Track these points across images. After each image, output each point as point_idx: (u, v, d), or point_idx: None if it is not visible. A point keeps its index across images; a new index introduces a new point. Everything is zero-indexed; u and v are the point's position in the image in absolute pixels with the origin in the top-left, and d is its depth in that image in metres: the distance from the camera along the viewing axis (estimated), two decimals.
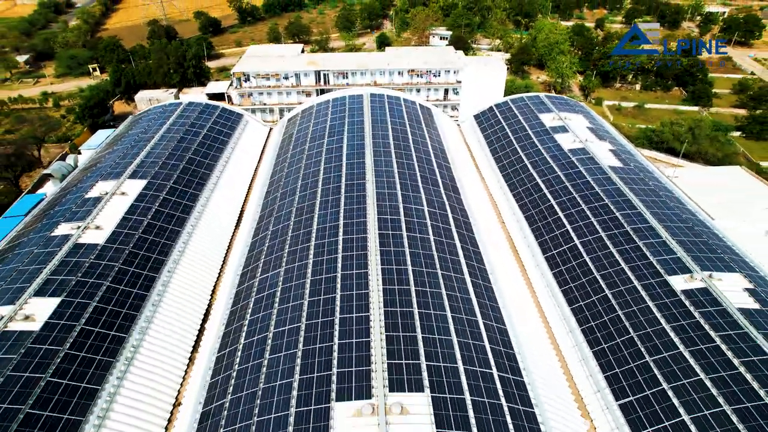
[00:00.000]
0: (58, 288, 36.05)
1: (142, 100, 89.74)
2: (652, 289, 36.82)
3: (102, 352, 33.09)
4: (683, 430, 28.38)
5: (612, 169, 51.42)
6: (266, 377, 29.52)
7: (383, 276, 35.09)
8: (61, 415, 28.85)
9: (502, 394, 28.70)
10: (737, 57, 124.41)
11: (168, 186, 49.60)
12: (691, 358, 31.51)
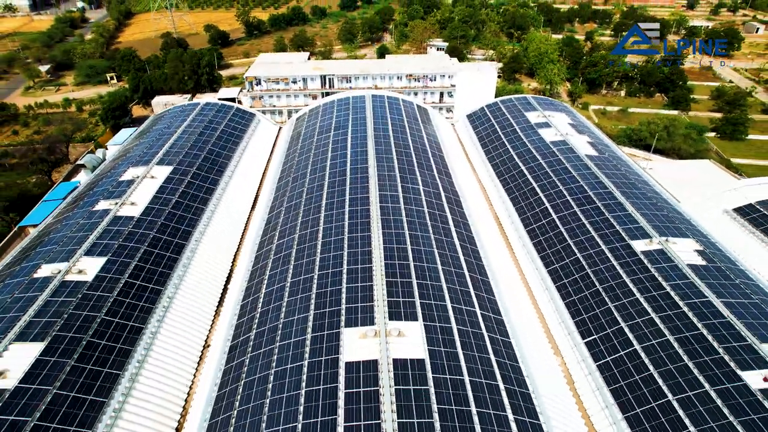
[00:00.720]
0: (103, 250, 41.85)
1: (158, 104, 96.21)
2: (617, 251, 42.63)
3: (144, 299, 38.84)
4: (637, 358, 33.94)
5: (588, 158, 57.51)
6: (286, 313, 35.25)
7: (384, 237, 40.92)
8: (114, 344, 34.51)
9: (482, 321, 34.46)
10: (717, 67, 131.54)
11: (192, 171, 55.66)
12: (645, 303, 37.20)
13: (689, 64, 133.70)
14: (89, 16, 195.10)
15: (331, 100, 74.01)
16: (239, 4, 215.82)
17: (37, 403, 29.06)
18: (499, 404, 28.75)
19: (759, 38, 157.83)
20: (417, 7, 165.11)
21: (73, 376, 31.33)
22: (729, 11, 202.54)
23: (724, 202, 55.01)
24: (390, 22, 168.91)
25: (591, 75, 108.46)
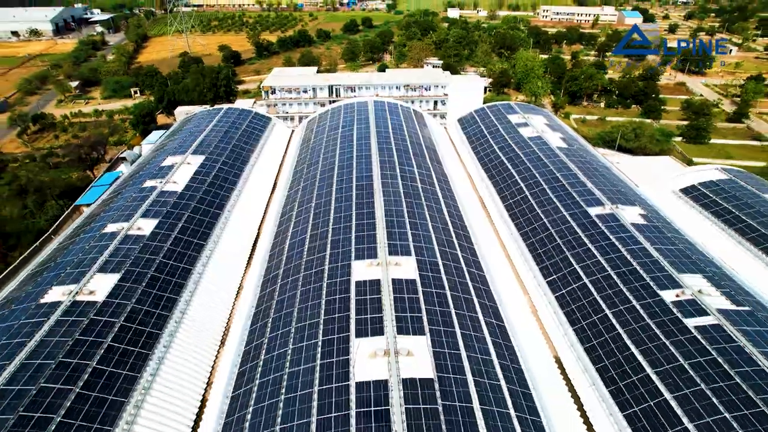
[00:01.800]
0: (155, 215, 51.34)
1: (180, 113, 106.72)
2: (576, 215, 52.03)
3: (190, 249, 48.22)
4: (585, 288, 43.05)
5: (559, 149, 67.43)
6: (308, 251, 44.69)
7: (384, 201, 50.45)
8: (170, 278, 43.76)
9: (460, 253, 43.95)
10: (690, 83, 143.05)
11: (221, 160, 65.52)
12: (595, 251, 46.39)
13: (665, 80, 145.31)
14: (108, 40, 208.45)
15: (338, 106, 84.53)
16: (248, 29, 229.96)
17: (121, 311, 38.27)
18: (471, 306, 37.99)
19: (732, 59, 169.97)
20: (415, 29, 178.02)
21: (144, 296, 40.62)
22: (707, 35, 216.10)
23: (673, 184, 64.74)
24: (390, 43, 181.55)
25: (572, 88, 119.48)
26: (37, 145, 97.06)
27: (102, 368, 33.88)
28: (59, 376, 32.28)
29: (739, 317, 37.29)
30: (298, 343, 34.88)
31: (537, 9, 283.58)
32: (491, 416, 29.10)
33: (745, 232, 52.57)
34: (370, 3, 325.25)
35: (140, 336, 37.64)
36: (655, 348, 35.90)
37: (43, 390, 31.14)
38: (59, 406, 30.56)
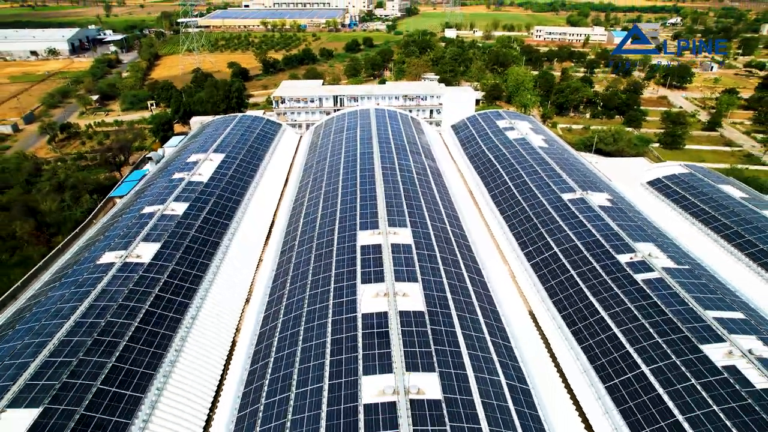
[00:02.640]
0: (185, 199, 59.13)
1: (195, 122, 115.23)
2: (551, 200, 59.86)
3: (217, 227, 55.96)
4: (555, 255, 50.64)
5: (540, 148, 75.64)
6: (320, 225, 52.45)
7: (384, 186, 58.38)
8: (201, 250, 51.44)
9: (448, 225, 51.73)
10: (672, 97, 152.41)
11: (239, 158, 73.64)
12: (566, 227, 54.03)
13: (648, 94, 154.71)
14: (122, 58, 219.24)
15: (342, 113, 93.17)
16: (254, 48, 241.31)
17: (164, 270, 45.90)
18: (456, 263, 45.67)
19: (712, 75, 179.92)
20: (413, 48, 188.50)
21: (182, 261, 48.26)
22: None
23: (641, 178, 72.83)
24: (390, 61, 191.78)
25: (559, 100, 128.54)
26: (65, 151, 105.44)
27: (153, 310, 41.40)
28: (121, 314, 39.78)
29: (679, 273, 44.90)
30: (313, 290, 42.45)
31: (531, 29, 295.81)
32: (467, 328, 36.65)
33: (697, 214, 60.48)
34: (370, 24, 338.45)
35: (181, 289, 45.21)
36: (610, 297, 43.42)
37: (110, 323, 38.61)
38: (123, 335, 37.99)
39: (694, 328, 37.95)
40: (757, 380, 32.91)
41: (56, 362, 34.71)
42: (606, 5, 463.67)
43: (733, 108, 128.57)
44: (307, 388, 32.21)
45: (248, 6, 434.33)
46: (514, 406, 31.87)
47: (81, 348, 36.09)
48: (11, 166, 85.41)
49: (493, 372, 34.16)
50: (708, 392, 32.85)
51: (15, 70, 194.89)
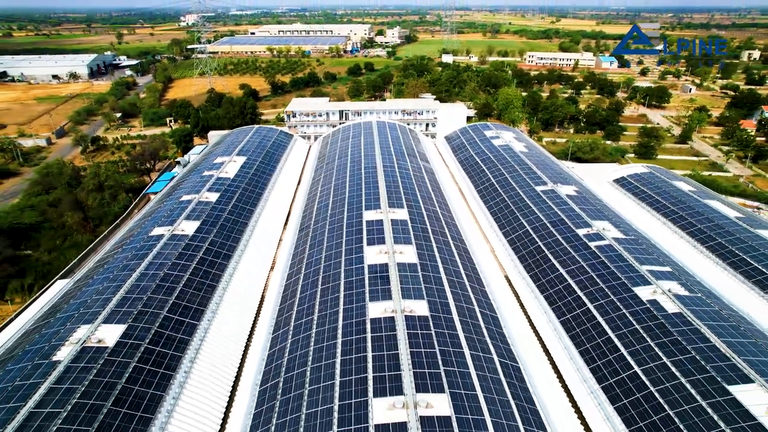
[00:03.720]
0: (216, 190, 69.79)
1: (213, 136, 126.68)
2: (526, 191, 70.48)
3: (243, 213, 66.47)
4: (527, 232, 61.04)
5: (521, 153, 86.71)
6: (330, 214, 62.89)
7: (386, 187, 68.91)
8: (229, 233, 61.91)
9: (439, 210, 62.28)
10: (651, 115, 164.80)
11: (259, 160, 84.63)
12: (538, 212, 64.41)
13: (629, 113, 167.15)
14: (138, 81, 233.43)
15: (348, 125, 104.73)
16: (261, 72, 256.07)
17: (204, 241, 56.28)
18: (444, 234, 56.11)
19: (691, 96, 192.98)
20: (412, 71, 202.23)
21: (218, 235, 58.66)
22: (674, 77, 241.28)
23: (609, 177, 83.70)
24: (390, 83, 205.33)
25: (544, 116, 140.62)
26: (96, 160, 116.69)
27: (199, 267, 51.57)
28: (174, 268, 49.92)
29: (625, 242, 55.24)
30: (327, 252, 52.78)
31: (524, 55, 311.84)
32: (450, 273, 46.91)
33: (651, 203, 71.17)
34: (371, 51, 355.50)
35: (218, 257, 55.42)
36: (568, 259, 53.60)
37: (167, 275, 48.73)
38: (178, 282, 48.11)
39: (630, 276, 48.13)
40: (671, 307, 42.97)
41: (131, 298, 44.76)
42: (597, 33, 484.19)
43: (703, 124, 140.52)
44: (327, 312, 42.34)
45: (254, 33, 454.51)
46: (485, 324, 41.93)
47: (148, 290, 46.16)
48: (54, 170, 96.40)
49: (468, 300, 44.29)
50: (634, 317, 42.86)
51: (40, 93, 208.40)
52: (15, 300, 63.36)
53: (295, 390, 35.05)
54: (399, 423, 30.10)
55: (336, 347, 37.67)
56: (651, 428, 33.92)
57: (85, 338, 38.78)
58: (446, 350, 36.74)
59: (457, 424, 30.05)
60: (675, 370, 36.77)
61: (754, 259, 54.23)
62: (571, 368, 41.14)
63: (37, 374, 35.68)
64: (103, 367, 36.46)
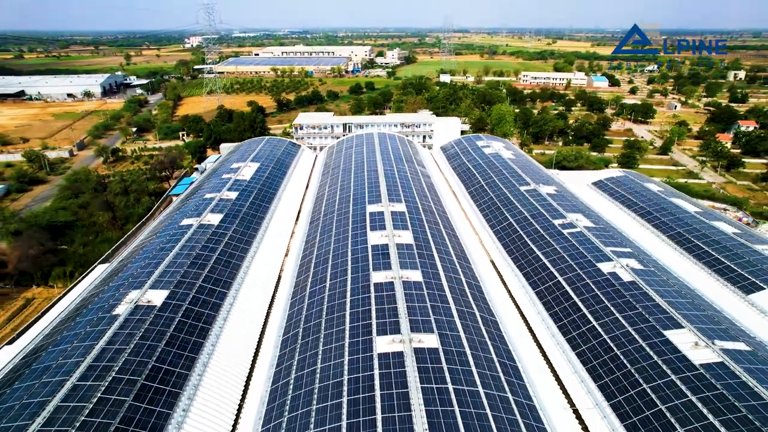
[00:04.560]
0: (235, 190, 78.44)
1: (224, 148, 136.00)
2: (511, 191, 79.13)
3: (259, 210, 74.95)
4: (504, 220, 69.48)
5: (508, 159, 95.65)
6: (338, 212, 71.37)
7: (386, 186, 77.60)
8: (251, 218, 70.34)
9: (433, 206, 70.82)
10: (636, 129, 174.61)
11: (271, 166, 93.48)
12: (519, 206, 72.98)
13: (616, 127, 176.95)
14: (149, 99, 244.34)
15: (351, 136, 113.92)
16: (266, 91, 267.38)
17: (227, 230, 64.66)
18: (437, 224, 64.53)
19: (676, 112, 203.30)
20: (411, 89, 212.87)
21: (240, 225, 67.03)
22: (661, 95, 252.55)
23: (588, 180, 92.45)
24: (390, 100, 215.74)
25: (534, 129, 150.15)
26: (117, 169, 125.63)
27: (225, 249, 59.80)
28: (205, 249, 58.16)
29: (594, 229, 63.61)
30: (335, 237, 61.08)
31: (518, 75, 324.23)
32: (441, 252, 55.18)
33: (622, 201, 79.73)
34: (372, 71, 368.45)
35: (240, 243, 63.71)
36: (544, 243, 61.82)
37: (199, 254, 56.89)
38: (209, 259, 56.32)
39: (595, 255, 56.37)
40: (627, 277, 51.10)
41: (170, 271, 52.88)
42: (591, 54, 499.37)
43: (683, 137, 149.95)
44: (337, 280, 50.53)
45: (258, 54, 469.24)
46: (470, 290, 50.05)
47: (183, 266, 54.34)
48: (82, 177, 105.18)
49: (456, 272, 52.49)
50: (596, 286, 50.95)
51: (57, 110, 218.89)
52: (58, 285, 71.33)
53: (312, 335, 43.06)
54: (396, 352, 38.08)
55: (345, 304, 45.77)
56: (602, 365, 41.81)
57: (137, 299, 46.84)
58: (436, 305, 44.84)
59: (443, 354, 38.03)
60: (624, 322, 44.83)
61: (704, 243, 62.59)
62: (542, 326, 49.13)
63: (103, 323, 43.70)
64: (154, 320, 44.47)
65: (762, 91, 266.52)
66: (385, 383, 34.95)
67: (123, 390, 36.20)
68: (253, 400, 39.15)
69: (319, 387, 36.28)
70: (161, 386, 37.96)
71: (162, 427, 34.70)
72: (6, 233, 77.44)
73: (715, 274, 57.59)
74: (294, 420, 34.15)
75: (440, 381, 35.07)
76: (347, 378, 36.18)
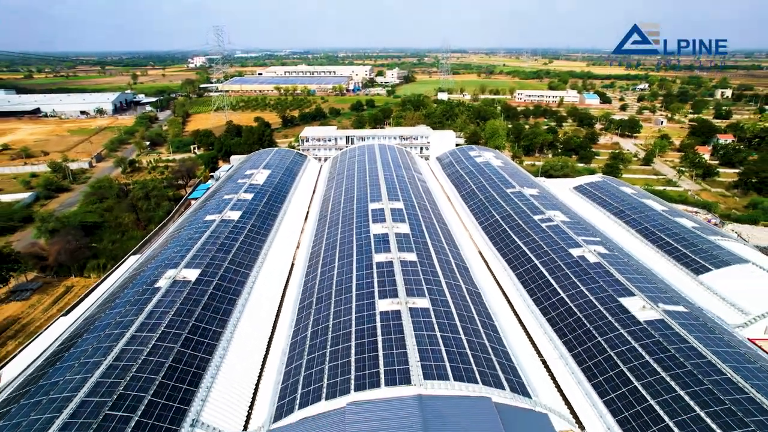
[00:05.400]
0: (250, 192, 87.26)
1: (235, 159, 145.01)
2: (499, 193, 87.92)
3: (272, 210, 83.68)
4: (491, 217, 78.19)
5: (498, 167, 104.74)
6: (344, 209, 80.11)
7: (386, 188, 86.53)
8: (265, 217, 79.06)
9: (427, 201, 79.70)
10: (623, 143, 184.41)
11: (281, 173, 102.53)
12: (505, 205, 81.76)
13: (604, 141, 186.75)
14: (158, 116, 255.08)
15: (354, 147, 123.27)
16: (270, 108, 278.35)
17: (246, 223, 73.33)
18: (431, 219, 73.29)
19: (663, 128, 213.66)
20: (409, 106, 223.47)
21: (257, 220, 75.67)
22: (650, 112, 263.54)
23: (570, 185, 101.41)
24: (389, 117, 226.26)
25: (524, 142, 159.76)
26: (134, 179, 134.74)
27: (245, 239, 68.33)
28: (228, 238, 66.73)
29: (570, 223, 72.19)
30: (341, 229, 69.64)
31: (513, 93, 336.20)
32: (435, 239, 63.81)
33: (598, 201, 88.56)
34: (372, 90, 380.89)
35: (258, 233, 72.23)
36: (524, 234, 70.32)
37: (223, 242, 65.50)
38: (232, 247, 64.78)
39: (567, 242, 64.89)
40: (593, 259, 59.55)
41: (200, 255, 61.31)
42: (585, 74, 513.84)
43: (665, 150, 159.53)
44: (344, 261, 58.98)
45: (261, 74, 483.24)
46: (458, 269, 58.49)
47: (211, 251, 62.87)
48: (105, 184, 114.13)
49: (446, 255, 60.98)
50: (566, 266, 59.33)
51: (71, 126, 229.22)
52: (92, 276, 79.59)
53: (324, 301, 51.41)
54: (394, 310, 46.39)
55: (351, 278, 54.19)
56: (566, 326, 50.05)
57: (174, 275, 55.23)
58: (428, 278, 53.25)
59: (433, 312, 46.35)
60: (587, 292, 53.21)
61: (666, 235, 71.25)
62: (519, 297, 57.47)
63: (148, 293, 52.03)
64: (191, 291, 52.80)
65: (746, 108, 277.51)
66: (385, 331, 43.25)
67: (172, 339, 44.46)
68: (276, 352, 47.35)
69: (331, 336, 44.55)
70: (201, 338, 46.22)
71: (204, 367, 42.85)
72: (45, 231, 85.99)
73: (673, 260, 66.15)
74: (311, 360, 42.37)
75: (430, 329, 43.38)
76: (354, 329, 44.48)
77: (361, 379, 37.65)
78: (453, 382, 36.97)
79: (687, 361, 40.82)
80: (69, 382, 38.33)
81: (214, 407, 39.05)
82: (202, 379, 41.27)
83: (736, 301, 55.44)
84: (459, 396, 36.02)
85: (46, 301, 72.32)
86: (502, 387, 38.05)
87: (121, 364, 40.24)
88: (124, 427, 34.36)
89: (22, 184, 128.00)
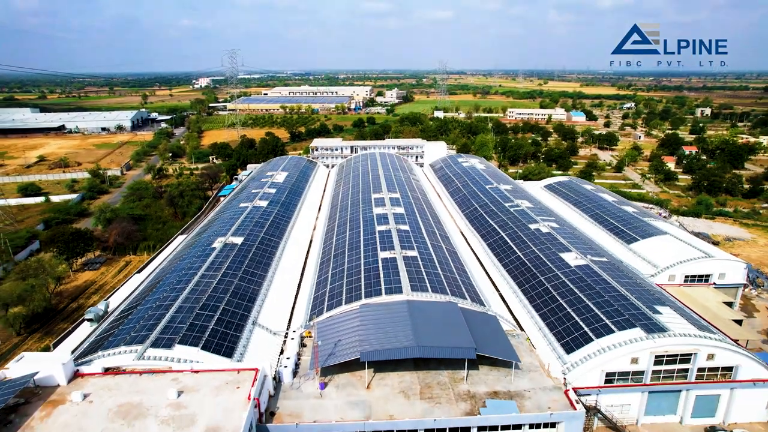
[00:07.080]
0: (273, 188, 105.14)
1: (250, 167, 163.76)
2: (480, 189, 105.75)
3: (288, 206, 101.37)
4: (472, 206, 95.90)
5: (481, 170, 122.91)
6: (351, 202, 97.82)
7: (386, 184, 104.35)
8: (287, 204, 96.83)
9: (420, 196, 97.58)
10: (601, 154, 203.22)
11: (296, 175, 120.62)
12: (484, 197, 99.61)
13: (583, 152, 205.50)
14: (174, 132, 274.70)
15: (357, 155, 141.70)
16: (278, 125, 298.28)
17: (273, 211, 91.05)
18: (425, 211, 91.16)
19: (640, 142, 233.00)
20: (407, 122, 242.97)
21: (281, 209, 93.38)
22: (631, 128, 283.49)
23: (542, 184, 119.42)
24: (389, 132, 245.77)
25: (510, 153, 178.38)
26: (163, 183, 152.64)
27: (274, 220, 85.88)
28: (260, 217, 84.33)
29: (533, 209, 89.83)
30: (350, 212, 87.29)
31: (506, 111, 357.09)
32: (426, 223, 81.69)
33: (561, 195, 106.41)
34: (372, 109, 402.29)
35: (283, 216, 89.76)
36: (496, 217, 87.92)
37: (257, 221, 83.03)
38: (263, 225, 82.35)
39: (528, 220, 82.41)
40: (545, 230, 77.03)
41: (241, 228, 78.68)
42: (576, 93, 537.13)
43: (636, 159, 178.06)
44: (353, 231, 76.48)
45: (266, 94, 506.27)
46: (442, 239, 76.04)
47: (249, 226, 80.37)
48: (142, 186, 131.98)
49: (433, 228, 78.55)
50: (524, 235, 76.76)
51: (95, 141, 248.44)
52: (144, 254, 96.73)
53: (339, 256, 68.75)
54: (391, 257, 63.74)
55: (360, 241, 71.60)
56: (519, 273, 67.32)
57: (225, 240, 72.60)
58: (417, 239, 70.75)
59: (420, 258, 63.67)
60: (536, 250, 70.57)
61: (610, 217, 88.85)
62: (486, 257, 74.90)
63: (206, 252, 69.26)
64: (239, 251, 70.07)
65: (722, 125, 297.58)
66: (384, 269, 60.58)
67: (231, 275, 61.67)
68: (305, 289, 64.65)
69: (346, 274, 61.88)
70: (251, 278, 63.44)
71: (256, 292, 59.96)
72: (103, 219, 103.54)
73: (612, 233, 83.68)
74: (333, 287, 59.63)
75: (417, 267, 60.76)
76: (363, 268, 61.86)
77: (368, 291, 54.99)
78: (431, 293, 54.29)
79: (598, 287, 58.06)
80: (166, 298, 55.42)
81: (266, 316, 56.14)
82: (255, 300, 58.42)
83: (651, 259, 72.89)
84: (435, 301, 53.29)
85: (111, 271, 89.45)
86: (465, 298, 55.38)
87: (199, 288, 57.40)
88: (211, 319, 51.41)
89: (66, 188, 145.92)
